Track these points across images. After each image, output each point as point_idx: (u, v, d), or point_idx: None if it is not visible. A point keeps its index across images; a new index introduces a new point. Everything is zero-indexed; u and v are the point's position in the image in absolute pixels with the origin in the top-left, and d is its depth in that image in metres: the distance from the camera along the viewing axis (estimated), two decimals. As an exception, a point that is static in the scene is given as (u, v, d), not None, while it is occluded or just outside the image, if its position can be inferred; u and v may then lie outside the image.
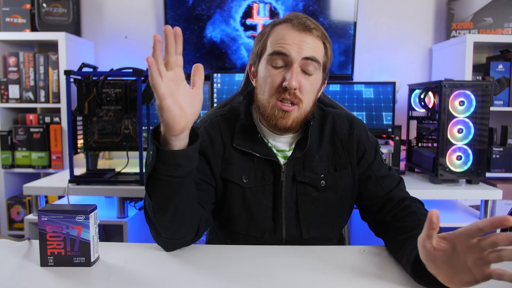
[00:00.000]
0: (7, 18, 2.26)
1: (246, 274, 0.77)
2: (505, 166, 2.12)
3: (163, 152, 0.75)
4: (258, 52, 0.97)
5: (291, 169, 0.97)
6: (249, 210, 0.96)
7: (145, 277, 0.75)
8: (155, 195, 0.81)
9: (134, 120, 1.68)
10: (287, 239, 0.97)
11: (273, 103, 0.92)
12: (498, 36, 2.21)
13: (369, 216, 1.01)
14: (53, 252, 0.79)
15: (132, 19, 2.51)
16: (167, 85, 0.72)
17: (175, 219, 0.83)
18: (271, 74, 0.93)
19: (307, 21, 0.92)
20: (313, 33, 0.92)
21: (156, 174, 0.77)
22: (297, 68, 0.91)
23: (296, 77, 0.90)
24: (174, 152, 0.76)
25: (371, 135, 1.06)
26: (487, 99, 1.71)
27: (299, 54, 0.90)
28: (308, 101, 0.94)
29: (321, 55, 0.94)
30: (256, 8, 2.39)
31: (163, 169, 0.77)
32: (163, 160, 0.76)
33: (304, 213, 0.97)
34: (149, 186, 0.80)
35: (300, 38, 0.91)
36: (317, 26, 0.94)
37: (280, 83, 0.91)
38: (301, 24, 0.91)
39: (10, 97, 2.24)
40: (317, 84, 0.96)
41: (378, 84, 2.24)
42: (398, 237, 0.85)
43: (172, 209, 0.81)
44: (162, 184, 0.78)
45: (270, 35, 0.95)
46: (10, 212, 2.28)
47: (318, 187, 0.97)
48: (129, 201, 1.75)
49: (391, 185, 0.99)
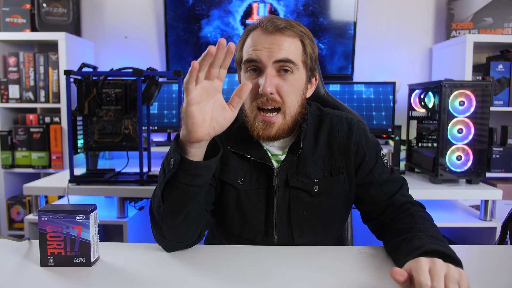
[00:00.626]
0: (7, 18, 2.26)
1: (246, 275, 0.77)
2: (505, 166, 2.12)
3: (186, 162, 0.76)
4: (238, 60, 0.97)
5: (284, 174, 0.95)
6: (243, 212, 0.96)
7: (145, 277, 0.75)
8: (169, 200, 0.81)
9: (134, 120, 1.68)
10: (279, 243, 0.97)
11: (255, 113, 0.91)
12: (498, 36, 2.21)
13: (371, 220, 1.00)
14: (53, 252, 0.79)
15: (132, 19, 2.51)
16: (199, 93, 0.72)
17: (183, 224, 0.84)
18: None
19: (277, 22, 0.90)
20: (284, 33, 0.90)
21: (175, 182, 0.78)
22: (271, 72, 0.89)
23: (271, 81, 0.88)
24: (197, 163, 0.77)
25: (371, 138, 1.02)
26: (487, 99, 1.71)
27: (270, 58, 0.88)
28: (292, 103, 0.92)
29: (297, 53, 0.91)
30: (256, 8, 2.39)
31: (183, 178, 0.77)
32: (185, 169, 0.76)
33: (296, 219, 0.96)
34: (164, 191, 0.80)
35: (271, 41, 0.89)
36: (291, 24, 0.91)
37: (257, 90, 0.90)
38: (271, 26, 0.89)
39: (10, 97, 2.24)
40: (299, 84, 0.93)
41: (378, 84, 2.24)
42: (393, 240, 0.85)
43: (183, 215, 0.82)
44: (178, 191, 0.79)
45: (245, 43, 0.94)
46: (10, 212, 2.28)
47: (311, 192, 0.96)
48: (129, 201, 1.75)
49: (393, 189, 0.97)
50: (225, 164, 0.97)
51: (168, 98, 2.27)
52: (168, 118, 2.27)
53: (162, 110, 2.27)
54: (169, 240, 0.85)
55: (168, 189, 0.79)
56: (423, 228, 0.83)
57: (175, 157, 0.77)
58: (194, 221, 0.86)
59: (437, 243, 0.75)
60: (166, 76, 1.66)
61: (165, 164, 0.81)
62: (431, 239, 0.78)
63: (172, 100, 2.27)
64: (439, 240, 0.78)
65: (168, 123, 2.28)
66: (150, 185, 1.69)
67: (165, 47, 2.43)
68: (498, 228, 1.71)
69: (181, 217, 0.82)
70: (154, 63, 2.53)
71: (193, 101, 0.72)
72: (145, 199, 1.77)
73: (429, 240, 0.77)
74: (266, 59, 0.89)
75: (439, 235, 0.82)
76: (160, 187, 0.81)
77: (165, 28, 2.41)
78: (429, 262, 0.66)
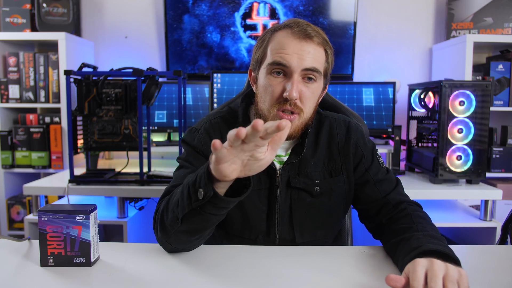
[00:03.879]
0: (7, 18, 2.26)
1: (246, 274, 0.77)
2: (505, 166, 2.12)
3: (218, 198, 0.73)
4: (258, 59, 0.95)
5: (286, 175, 0.96)
6: (244, 212, 0.97)
7: (145, 277, 0.75)
8: (189, 223, 0.79)
9: (134, 120, 1.68)
10: (280, 243, 0.97)
11: (274, 113, 0.91)
12: (498, 36, 2.21)
13: (367, 218, 1.01)
14: (53, 252, 0.79)
15: (132, 19, 2.51)
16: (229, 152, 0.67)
17: (196, 241, 0.85)
18: (271, 84, 0.91)
19: (308, 28, 0.89)
20: (314, 41, 0.89)
21: (200, 210, 0.76)
22: (298, 78, 0.89)
23: (297, 87, 0.88)
24: (229, 200, 0.74)
25: (368, 139, 1.05)
26: (487, 99, 1.71)
27: (300, 65, 0.88)
28: (308, 110, 0.93)
29: (322, 63, 0.92)
30: (256, 8, 2.39)
31: (210, 208, 0.75)
32: (214, 203, 0.74)
33: (298, 218, 0.97)
34: (186, 215, 0.78)
35: (301, 47, 0.88)
36: (318, 32, 0.91)
37: (280, 93, 0.89)
38: (301, 31, 0.89)
39: (10, 97, 2.24)
40: (318, 92, 0.94)
41: (378, 84, 2.24)
42: (392, 240, 0.85)
43: (199, 235, 0.83)
44: (201, 218, 0.78)
45: (270, 42, 0.93)
46: (10, 212, 2.28)
47: (312, 193, 0.97)
48: (129, 201, 1.75)
49: (388, 188, 0.99)
50: None
51: (168, 98, 2.27)
52: (168, 118, 2.27)
53: (162, 110, 2.27)
54: (174, 247, 0.86)
55: (191, 215, 0.78)
56: (421, 228, 0.84)
57: (207, 191, 0.72)
58: (206, 236, 0.86)
59: (435, 242, 0.76)
60: (166, 76, 1.66)
61: (190, 190, 0.76)
62: (429, 238, 0.78)
63: (172, 100, 2.27)
64: (437, 239, 0.78)
65: (168, 123, 2.28)
66: (150, 185, 1.69)
67: (165, 47, 2.43)
68: (498, 228, 1.71)
69: (196, 236, 0.83)
70: (154, 63, 2.53)
71: (221, 161, 0.68)
72: (145, 199, 1.77)
73: (427, 239, 0.77)
74: (296, 65, 0.88)
75: (437, 234, 0.82)
76: (183, 211, 0.78)
77: (165, 28, 2.41)
78: (426, 263, 0.66)
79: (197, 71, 2.46)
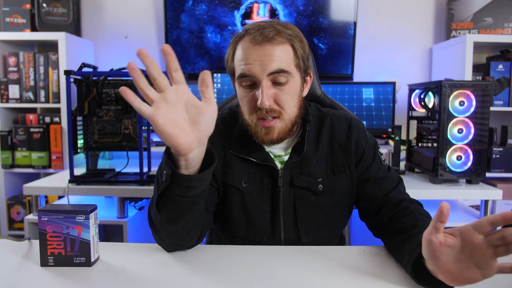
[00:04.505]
0: (7, 18, 2.26)
1: (246, 274, 0.77)
2: (505, 166, 2.12)
3: (178, 176, 0.73)
4: (231, 72, 0.96)
5: (288, 174, 0.96)
6: (248, 214, 0.97)
7: (145, 277, 0.75)
8: (165, 210, 0.79)
9: (134, 120, 1.68)
10: (285, 243, 0.97)
11: (255, 121, 0.91)
12: (498, 36, 2.21)
13: (367, 216, 1.01)
14: (53, 252, 0.79)
15: (132, 19, 2.52)
16: (158, 107, 0.67)
17: (183, 230, 0.83)
18: (245, 96, 0.92)
19: (266, 30, 0.87)
20: (274, 42, 0.87)
21: (169, 193, 0.75)
22: (267, 84, 0.88)
23: (267, 94, 0.87)
24: (189, 177, 0.73)
25: (370, 136, 1.04)
26: (487, 99, 1.71)
27: (263, 71, 0.87)
28: (290, 109, 0.92)
29: (289, 60, 0.90)
30: (256, 8, 2.39)
31: (176, 190, 0.75)
32: (177, 183, 0.73)
33: (302, 218, 0.97)
34: (159, 202, 0.78)
35: (261, 52, 0.87)
36: (278, 30, 0.88)
37: (255, 103, 0.89)
38: (259, 35, 0.87)
39: (10, 97, 2.24)
40: (294, 90, 0.92)
41: (378, 84, 2.24)
42: (397, 238, 0.85)
43: (182, 223, 0.81)
44: (173, 202, 0.77)
45: (235, 54, 0.93)
46: (10, 212, 2.28)
47: (315, 191, 0.97)
48: (129, 201, 1.75)
49: (389, 186, 0.98)
50: (228, 167, 0.98)
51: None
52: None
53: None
54: (168, 243, 0.85)
55: (163, 201, 0.78)
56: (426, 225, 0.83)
57: (167, 171, 0.73)
58: (194, 226, 0.85)
59: None
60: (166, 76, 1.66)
61: (158, 175, 0.78)
62: None
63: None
64: None
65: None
66: (150, 185, 1.69)
67: (165, 47, 2.43)
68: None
69: (179, 224, 0.81)
70: (154, 63, 2.52)
71: (154, 118, 0.66)
72: (145, 199, 1.77)
73: None
74: (260, 72, 0.87)
75: None
76: (155, 198, 0.79)
77: (165, 28, 2.41)
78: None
79: (197, 71, 2.46)
